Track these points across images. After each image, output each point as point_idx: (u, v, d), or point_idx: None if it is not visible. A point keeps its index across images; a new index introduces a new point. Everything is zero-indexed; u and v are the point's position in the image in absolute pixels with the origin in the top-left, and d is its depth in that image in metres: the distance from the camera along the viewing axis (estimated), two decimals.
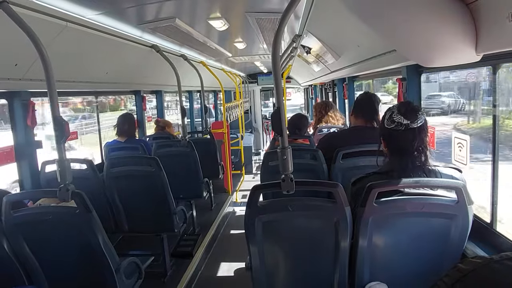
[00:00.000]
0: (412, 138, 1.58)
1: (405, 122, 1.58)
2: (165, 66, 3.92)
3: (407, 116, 1.58)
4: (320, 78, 6.02)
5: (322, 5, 2.35)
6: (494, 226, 1.90)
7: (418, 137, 1.58)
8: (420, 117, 1.58)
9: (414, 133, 1.58)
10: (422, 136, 1.58)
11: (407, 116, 1.58)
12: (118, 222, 3.21)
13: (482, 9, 1.37)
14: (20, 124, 2.89)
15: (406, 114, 1.58)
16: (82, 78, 3.16)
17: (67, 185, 1.81)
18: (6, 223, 1.91)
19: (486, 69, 3.52)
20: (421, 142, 1.58)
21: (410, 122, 1.57)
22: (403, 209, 1.58)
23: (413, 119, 1.57)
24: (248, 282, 1.87)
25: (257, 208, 1.66)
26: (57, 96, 1.79)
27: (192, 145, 4.01)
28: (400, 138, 1.60)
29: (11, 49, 2.13)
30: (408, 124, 1.57)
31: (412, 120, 1.57)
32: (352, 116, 2.66)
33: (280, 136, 1.65)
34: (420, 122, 1.58)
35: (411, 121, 1.57)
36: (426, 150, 1.60)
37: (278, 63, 1.66)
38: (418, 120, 1.57)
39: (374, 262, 1.64)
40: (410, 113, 1.58)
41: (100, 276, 2.02)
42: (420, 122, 1.58)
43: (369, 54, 2.68)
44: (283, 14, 1.58)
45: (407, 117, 1.58)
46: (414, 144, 1.58)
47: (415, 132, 1.58)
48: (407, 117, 1.58)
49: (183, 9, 2.82)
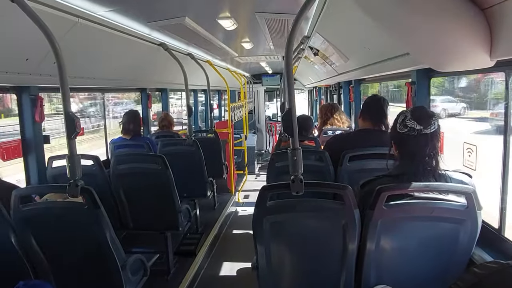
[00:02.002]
0: (424, 144, 1.56)
1: (418, 127, 1.56)
2: (172, 64, 3.93)
3: (421, 122, 1.56)
4: (326, 80, 6.02)
5: (334, 7, 2.35)
6: (502, 232, 1.89)
7: (430, 143, 1.56)
8: (433, 123, 1.56)
9: (426, 138, 1.56)
10: (434, 142, 1.57)
11: (421, 121, 1.56)
12: (123, 219, 3.21)
13: (497, 14, 1.37)
14: (28, 119, 2.90)
15: (419, 119, 1.57)
16: (90, 74, 3.17)
17: (77, 180, 1.81)
18: (14, 217, 1.91)
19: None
20: (433, 148, 1.57)
21: (423, 128, 1.55)
22: (412, 213, 1.57)
23: (426, 125, 1.55)
24: (250, 282, 1.87)
25: (265, 208, 1.66)
26: (69, 92, 1.79)
27: (198, 144, 4.01)
28: (412, 143, 1.59)
29: (23, 44, 2.14)
30: (421, 129, 1.56)
31: (425, 125, 1.55)
32: (360, 119, 2.66)
33: (290, 137, 1.65)
34: (433, 128, 1.56)
35: (424, 127, 1.56)
36: (437, 156, 1.59)
37: (290, 65, 1.66)
38: (431, 126, 1.55)
39: (381, 265, 1.64)
40: (423, 118, 1.56)
41: (106, 272, 2.02)
42: (433, 128, 1.56)
43: (379, 57, 2.68)
44: (297, 15, 1.58)
45: (421, 123, 1.56)
46: (426, 149, 1.56)
47: (427, 138, 1.56)
48: (421, 122, 1.56)
49: (193, 8, 2.83)
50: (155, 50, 3.65)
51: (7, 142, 2.85)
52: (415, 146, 1.58)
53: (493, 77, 3.65)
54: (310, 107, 11.00)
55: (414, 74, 2.62)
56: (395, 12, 1.56)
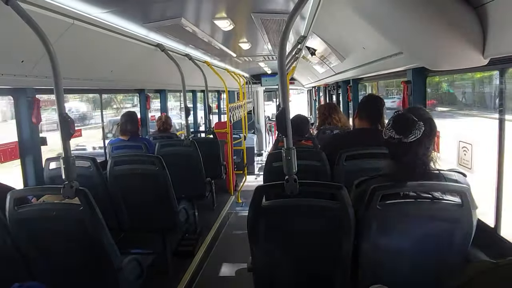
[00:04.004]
0: (404, 152, 1.54)
1: (396, 136, 1.53)
2: (170, 65, 3.93)
3: (399, 132, 1.52)
4: (324, 80, 6.02)
5: (329, 7, 2.34)
6: (498, 231, 1.89)
7: (410, 151, 1.53)
8: (414, 132, 1.50)
9: (405, 147, 1.53)
10: (416, 149, 1.52)
11: (399, 131, 1.52)
12: (120, 220, 3.21)
13: (490, 13, 1.37)
14: (24, 121, 2.90)
15: (398, 129, 1.53)
16: (87, 75, 3.17)
17: (72, 182, 1.81)
18: (10, 219, 1.91)
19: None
20: (414, 155, 1.53)
21: (403, 137, 1.52)
22: (406, 212, 1.57)
23: (406, 134, 1.51)
24: (249, 282, 1.86)
25: (260, 209, 1.66)
26: (63, 94, 1.80)
27: (196, 144, 4.01)
28: (392, 150, 1.59)
29: (18, 46, 2.15)
30: (401, 138, 1.52)
31: (404, 135, 1.51)
32: (357, 119, 2.65)
33: (284, 137, 1.65)
34: (413, 137, 1.50)
35: (403, 136, 1.52)
36: (425, 158, 1.56)
37: (284, 64, 1.66)
38: (410, 136, 1.50)
39: (377, 264, 1.63)
40: (402, 128, 1.52)
41: (103, 273, 2.02)
42: (413, 137, 1.50)
43: (375, 56, 2.68)
44: (290, 15, 1.58)
45: (399, 132, 1.52)
46: (409, 156, 1.54)
47: (406, 146, 1.53)
48: (399, 132, 1.52)
49: (189, 8, 2.83)
50: (152, 51, 3.65)
51: (4, 144, 2.86)
52: (397, 152, 1.57)
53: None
54: (309, 107, 11.01)
55: (410, 73, 2.62)
56: (387, 11, 1.56)
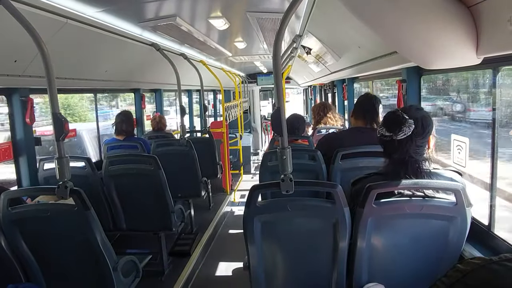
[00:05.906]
0: (394, 150, 1.57)
1: (387, 134, 1.57)
2: (165, 65, 3.91)
3: (389, 129, 1.56)
4: (320, 79, 6.03)
5: (323, 6, 2.35)
6: (492, 228, 1.90)
7: (400, 149, 1.56)
8: (403, 130, 1.53)
9: (394, 145, 1.57)
10: (406, 147, 1.55)
11: (389, 129, 1.56)
12: (116, 220, 3.20)
13: (483, 12, 1.38)
14: (18, 121, 2.88)
15: (389, 126, 1.57)
16: (82, 75, 3.15)
17: (66, 182, 1.80)
18: (3, 220, 1.90)
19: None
20: (405, 153, 1.56)
21: (393, 135, 1.56)
22: (402, 210, 1.57)
23: (396, 132, 1.55)
24: (245, 282, 1.86)
25: (256, 208, 1.66)
26: (56, 93, 1.78)
27: (191, 144, 4.00)
28: (385, 147, 1.62)
29: (10, 45, 2.13)
30: (391, 136, 1.56)
31: (394, 132, 1.55)
32: (352, 117, 2.66)
33: (280, 136, 1.65)
34: (403, 134, 1.54)
35: (393, 134, 1.55)
36: (417, 155, 1.58)
37: (279, 63, 1.65)
38: (400, 133, 1.54)
39: (373, 263, 1.64)
40: (392, 126, 1.56)
41: (98, 274, 2.01)
42: (403, 135, 1.54)
43: (369, 55, 2.68)
44: (285, 14, 1.58)
45: (389, 130, 1.56)
46: (399, 153, 1.57)
47: (396, 144, 1.56)
48: (389, 130, 1.56)
49: (184, 7, 2.82)
50: (147, 50, 3.64)
51: None
52: (389, 150, 1.61)
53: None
54: (305, 106, 11.02)
55: (405, 72, 2.63)
56: (381, 10, 1.56)
